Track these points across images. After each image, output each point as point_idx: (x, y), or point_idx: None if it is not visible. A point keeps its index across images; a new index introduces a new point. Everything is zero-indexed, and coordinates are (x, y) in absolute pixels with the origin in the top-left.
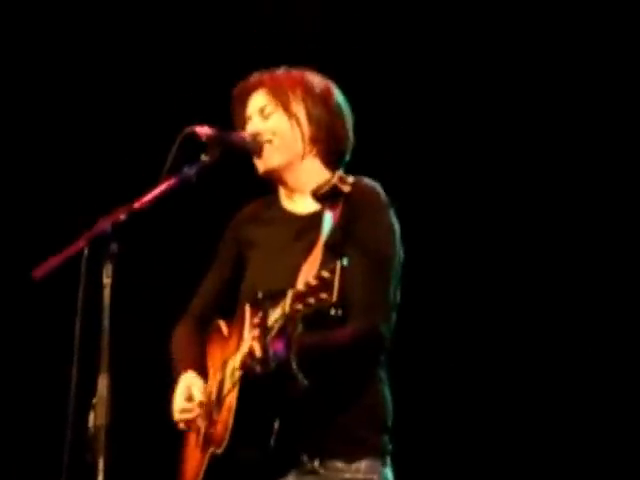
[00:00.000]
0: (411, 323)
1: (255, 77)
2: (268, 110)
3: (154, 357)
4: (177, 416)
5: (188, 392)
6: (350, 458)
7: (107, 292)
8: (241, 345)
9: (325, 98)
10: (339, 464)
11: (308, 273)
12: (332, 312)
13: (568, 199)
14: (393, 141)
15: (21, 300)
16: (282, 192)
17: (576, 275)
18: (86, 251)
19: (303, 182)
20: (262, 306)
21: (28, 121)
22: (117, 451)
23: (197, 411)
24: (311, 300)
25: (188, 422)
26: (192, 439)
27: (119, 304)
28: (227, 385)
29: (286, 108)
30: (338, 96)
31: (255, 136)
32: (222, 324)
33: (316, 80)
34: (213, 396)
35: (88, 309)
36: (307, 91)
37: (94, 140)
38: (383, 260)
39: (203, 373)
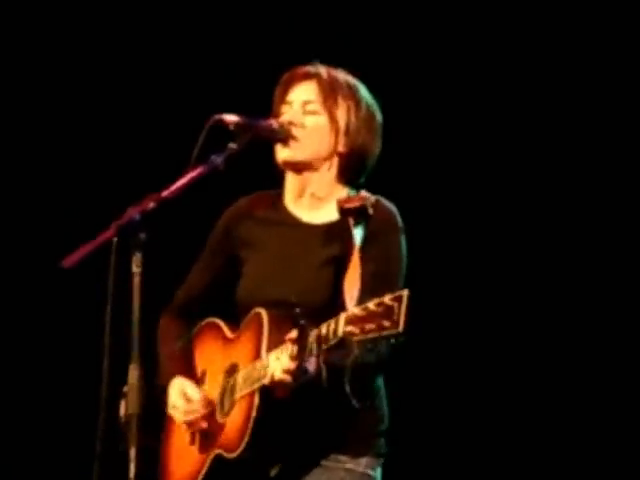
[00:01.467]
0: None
1: (312, 67)
2: (312, 107)
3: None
4: (183, 418)
5: (183, 393)
6: (352, 454)
7: (137, 281)
8: (261, 355)
9: (370, 118)
10: (342, 457)
11: (352, 284)
12: (393, 341)
13: (569, 199)
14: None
15: (51, 290)
16: (290, 192)
17: (576, 275)
18: (115, 240)
19: (318, 188)
20: (299, 322)
21: (58, 110)
22: (148, 440)
23: (202, 410)
24: (371, 326)
25: (192, 422)
26: (181, 436)
27: (149, 293)
28: (239, 392)
29: (331, 113)
30: (380, 118)
31: (283, 124)
32: (222, 324)
33: (367, 96)
34: (215, 397)
35: (118, 298)
36: (356, 105)
37: (123, 129)
38: (392, 279)
39: (190, 371)
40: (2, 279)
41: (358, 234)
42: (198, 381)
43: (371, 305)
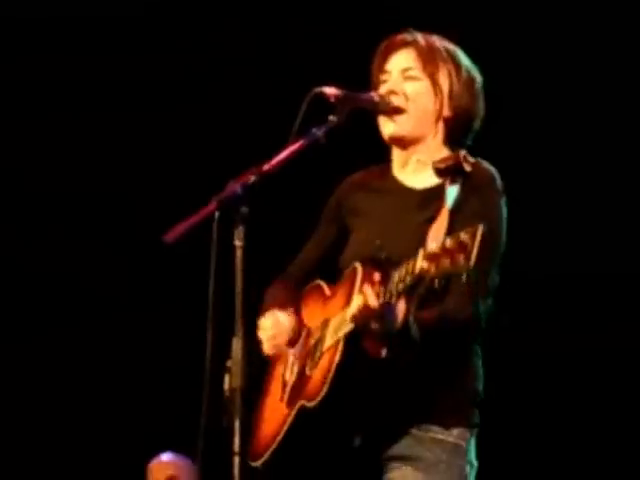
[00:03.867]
0: None
1: (407, 35)
2: (413, 73)
3: None
4: (270, 344)
5: (274, 318)
6: (443, 424)
7: (239, 255)
8: (351, 302)
9: (471, 81)
10: (433, 427)
11: (436, 237)
12: (464, 278)
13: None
14: None
15: (154, 265)
16: (396, 161)
17: None
18: (217, 214)
19: (424, 156)
20: (383, 266)
21: (160, 92)
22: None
23: (291, 333)
24: (445, 262)
25: (279, 354)
26: (275, 392)
27: (251, 267)
28: (327, 342)
29: (432, 78)
30: (481, 82)
31: (386, 96)
32: (323, 284)
33: (466, 60)
34: (308, 350)
35: (221, 272)
36: (456, 68)
37: (224, 103)
38: (491, 241)
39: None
40: (107, 255)
41: (451, 193)
42: (297, 339)
43: (448, 241)
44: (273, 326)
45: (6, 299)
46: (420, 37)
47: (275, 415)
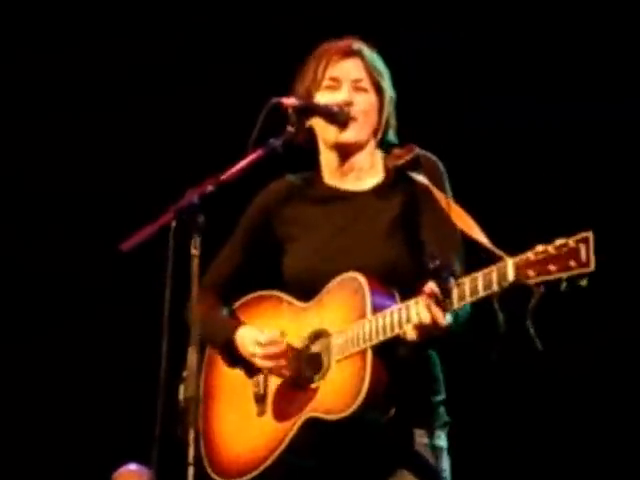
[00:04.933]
0: None
1: (354, 43)
2: (363, 84)
3: None
4: (260, 352)
5: (255, 340)
6: (428, 427)
7: (195, 263)
8: (366, 312)
9: (389, 81)
10: (419, 431)
11: (470, 230)
12: (583, 282)
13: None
14: None
15: (110, 274)
16: (329, 169)
17: None
18: (174, 223)
19: (364, 162)
20: (439, 276)
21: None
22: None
23: (282, 344)
24: (552, 267)
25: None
26: (239, 406)
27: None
28: (339, 353)
29: (380, 90)
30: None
31: (343, 106)
32: (283, 295)
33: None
34: (294, 363)
35: (177, 281)
36: (387, 76)
37: (182, 113)
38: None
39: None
40: (62, 264)
41: (424, 181)
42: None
43: (550, 248)
44: (263, 343)
45: None
46: (365, 48)
47: (253, 430)
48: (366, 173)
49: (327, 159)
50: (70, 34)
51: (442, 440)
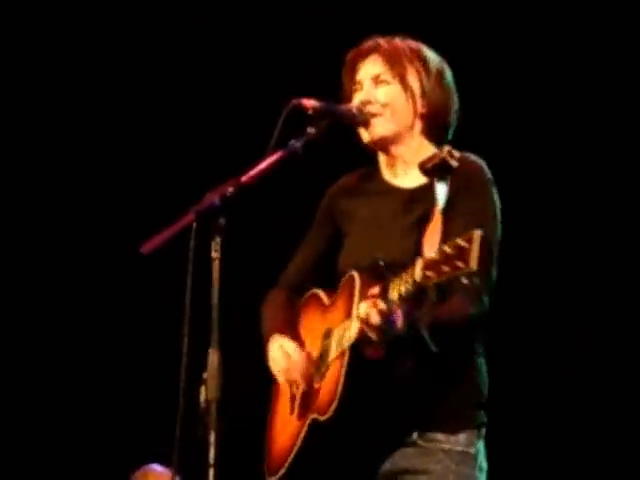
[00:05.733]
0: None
1: (371, 42)
2: (383, 77)
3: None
4: (283, 377)
5: (283, 351)
6: (449, 430)
7: (216, 266)
8: (352, 313)
9: (440, 75)
10: (439, 436)
11: (432, 243)
12: (465, 281)
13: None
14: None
15: (131, 276)
16: (383, 165)
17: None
18: (195, 225)
19: (407, 155)
20: (382, 274)
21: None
22: (228, 425)
23: (303, 366)
24: (445, 268)
25: (292, 382)
26: (283, 406)
27: (228, 278)
28: (332, 353)
29: (402, 80)
30: (450, 74)
31: (362, 107)
32: (321, 293)
33: (431, 55)
34: (313, 363)
35: (197, 283)
36: (424, 65)
37: (202, 115)
38: (488, 240)
39: (295, 339)
40: (83, 265)
41: (441, 191)
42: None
43: (446, 248)
44: (284, 358)
45: None
46: (383, 41)
47: (287, 429)
48: (414, 167)
49: (379, 156)
50: (90, 35)
51: (472, 446)
